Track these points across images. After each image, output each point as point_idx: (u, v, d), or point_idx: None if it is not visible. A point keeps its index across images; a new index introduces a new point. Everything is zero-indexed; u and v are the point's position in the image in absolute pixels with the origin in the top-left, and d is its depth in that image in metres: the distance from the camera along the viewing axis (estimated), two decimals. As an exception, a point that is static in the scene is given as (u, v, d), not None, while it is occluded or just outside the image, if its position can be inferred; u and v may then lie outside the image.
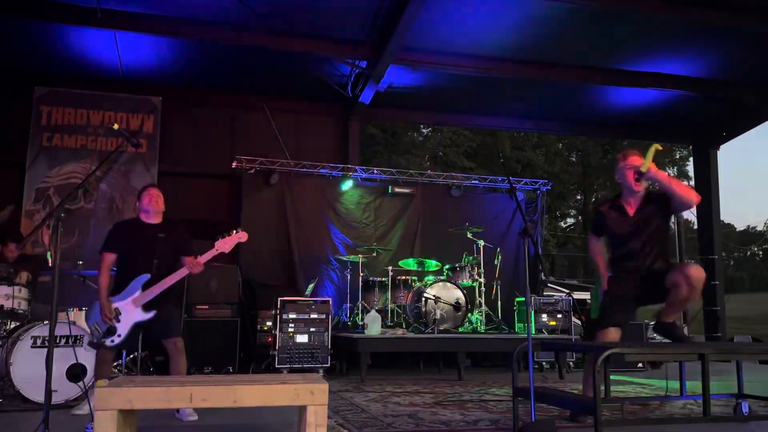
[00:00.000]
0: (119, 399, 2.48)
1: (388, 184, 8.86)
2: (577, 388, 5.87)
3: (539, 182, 9.40)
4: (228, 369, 6.51)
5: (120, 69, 8.03)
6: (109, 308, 4.17)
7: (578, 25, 7.46)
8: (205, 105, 8.98)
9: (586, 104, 9.86)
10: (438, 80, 8.66)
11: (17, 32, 7.33)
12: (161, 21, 7.15)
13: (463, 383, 6.21)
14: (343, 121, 9.45)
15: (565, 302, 7.85)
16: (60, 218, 3.10)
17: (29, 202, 7.84)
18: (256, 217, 8.15)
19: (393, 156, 20.67)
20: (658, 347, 4.10)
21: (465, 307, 7.20)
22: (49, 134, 8.06)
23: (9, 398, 4.71)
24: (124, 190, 8.20)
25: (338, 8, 7.08)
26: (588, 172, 27.37)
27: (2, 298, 5.06)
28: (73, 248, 7.59)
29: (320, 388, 2.72)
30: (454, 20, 7.23)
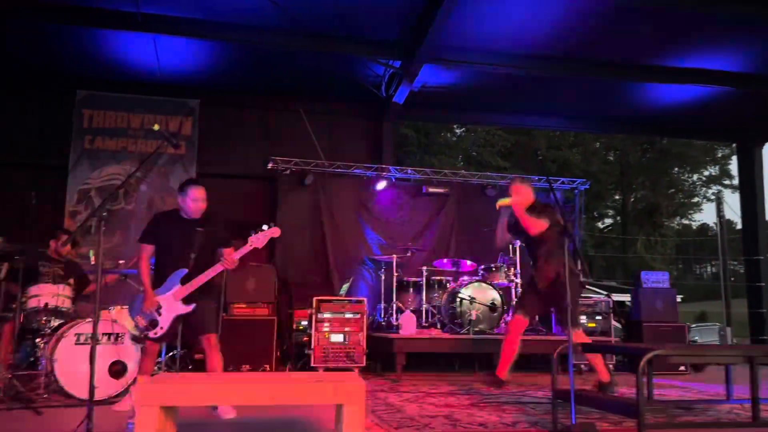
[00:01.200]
0: (161, 395, 2.51)
1: (422, 184, 8.82)
2: (617, 391, 5.75)
3: (577, 181, 9.24)
4: (265, 367, 6.56)
5: (159, 72, 8.18)
6: (152, 299, 4.26)
7: (617, 21, 7.31)
8: (240, 107, 9.09)
9: (625, 102, 9.65)
10: (472, 79, 8.59)
11: (60, 37, 7.53)
12: (199, 24, 7.26)
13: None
14: (377, 121, 9.45)
15: (604, 304, 7.69)
16: (102, 218, 3.16)
17: (72, 204, 8.05)
18: (291, 218, 8.20)
19: (426, 156, 20.63)
20: (705, 349, 3.98)
21: (501, 307, 7.12)
22: (90, 137, 8.26)
23: (53, 393, 4.83)
24: (163, 191, 8.35)
25: (372, 9, 7.08)
26: (626, 171, 26.85)
27: (47, 296, 5.20)
28: (114, 248, 7.76)
29: (357, 387, 2.72)
30: (489, 18, 7.15)
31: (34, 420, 4.03)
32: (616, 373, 7.55)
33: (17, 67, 8.20)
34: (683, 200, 30.71)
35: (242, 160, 8.87)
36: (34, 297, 5.18)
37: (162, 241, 4.40)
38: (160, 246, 4.41)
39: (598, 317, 7.64)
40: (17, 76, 8.29)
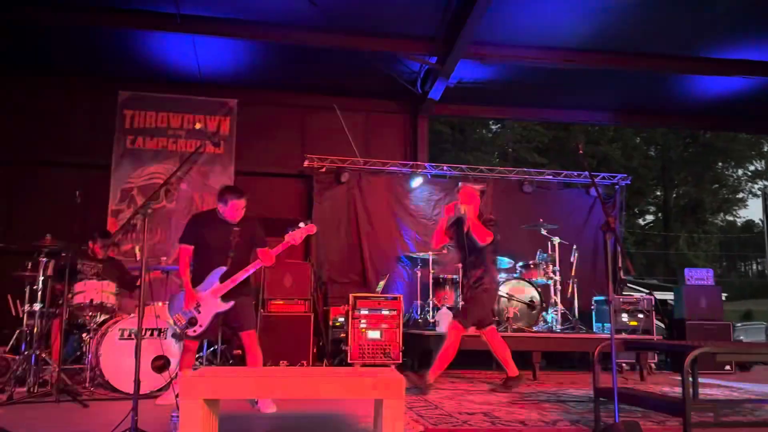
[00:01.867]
0: (204, 388, 2.55)
1: (458, 181, 8.75)
2: (660, 390, 5.63)
3: (618, 177, 9.04)
4: (302, 363, 6.61)
5: (198, 72, 8.32)
6: (193, 296, 4.34)
7: (658, 12, 7.12)
8: (277, 105, 9.17)
9: (667, 95, 9.41)
10: (509, 73, 8.50)
11: (102, 39, 7.71)
12: (237, 24, 7.35)
13: (539, 383, 6.07)
14: (413, 118, 9.43)
15: (646, 302, 7.52)
16: (147, 215, 3.23)
17: (115, 202, 8.25)
18: (327, 215, 8.25)
19: (461, 153, 20.49)
20: (753, 347, 3.86)
21: (539, 305, 7.03)
22: (132, 137, 8.45)
23: (99, 387, 4.96)
24: (203, 189, 8.49)
25: (408, 5, 7.06)
26: (668, 166, 26.18)
27: (92, 292, 5.34)
28: (156, 245, 7.93)
29: (397, 382, 2.71)
30: (527, 11, 7.06)
31: (81, 412, 4.15)
32: (658, 372, 7.42)
33: (63, 69, 8.44)
34: (727, 196, 29.82)
35: (279, 158, 8.95)
36: (80, 293, 5.32)
37: (201, 242, 4.48)
38: (199, 246, 4.49)
39: (640, 315, 7.47)
40: (63, 78, 8.54)
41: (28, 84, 8.51)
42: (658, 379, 6.75)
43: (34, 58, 8.18)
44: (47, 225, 6.00)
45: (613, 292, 7.22)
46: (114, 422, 3.17)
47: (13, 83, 8.48)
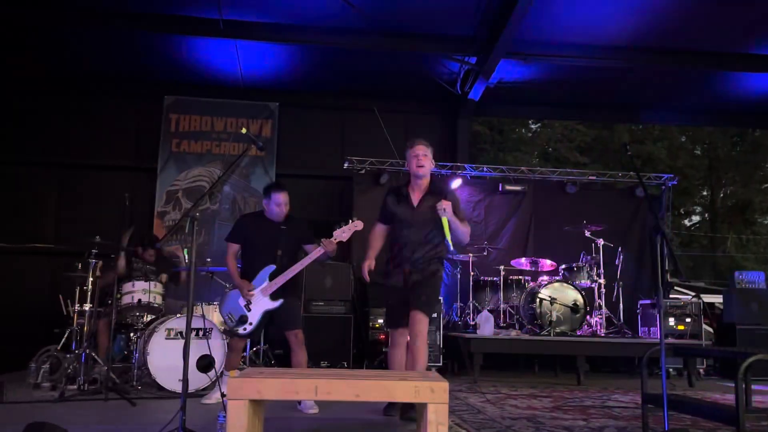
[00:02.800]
0: (250, 389, 2.59)
1: (498, 182, 8.67)
2: (710, 397, 5.47)
3: (664, 177, 8.80)
4: (342, 364, 6.66)
5: (240, 76, 8.45)
6: (247, 286, 4.41)
7: (704, 9, 6.91)
8: (317, 108, 9.24)
9: (714, 93, 9.12)
10: (551, 73, 8.37)
11: (148, 45, 7.91)
12: (278, 29, 7.44)
13: (583, 388, 5.96)
14: (452, 118, 9.37)
15: (694, 305, 7.31)
16: (195, 218, 3.30)
17: (161, 204, 8.44)
18: (367, 217, 8.16)
19: (500, 153, 20.25)
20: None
21: (584, 309, 6.90)
22: (177, 140, 8.64)
23: (146, 386, 5.08)
24: (245, 191, 8.63)
25: (448, 6, 7.02)
26: (715, 165, 25.38)
27: (140, 292, 5.48)
28: (201, 247, 8.08)
29: (441, 386, 2.69)
30: (569, 9, 6.94)
31: (129, 410, 4.26)
32: (707, 378, 7.20)
33: (111, 75, 8.69)
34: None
35: (319, 160, 9.03)
36: (128, 293, 5.47)
37: (248, 241, 4.56)
38: (247, 245, 4.57)
39: (688, 319, 7.27)
40: (111, 84, 8.79)
41: (78, 90, 8.79)
42: (708, 386, 6.56)
43: (83, 65, 8.45)
44: (96, 226, 6.20)
45: (661, 296, 7.03)
46: (161, 420, 3.24)
47: (63, 90, 8.77)
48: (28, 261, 8.19)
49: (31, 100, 8.63)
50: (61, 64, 8.45)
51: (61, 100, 8.74)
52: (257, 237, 4.52)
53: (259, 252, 4.49)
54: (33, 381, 5.30)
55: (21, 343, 6.01)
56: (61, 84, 8.74)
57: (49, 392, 5.01)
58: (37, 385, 5.28)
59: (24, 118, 8.53)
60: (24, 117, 8.53)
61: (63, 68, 8.54)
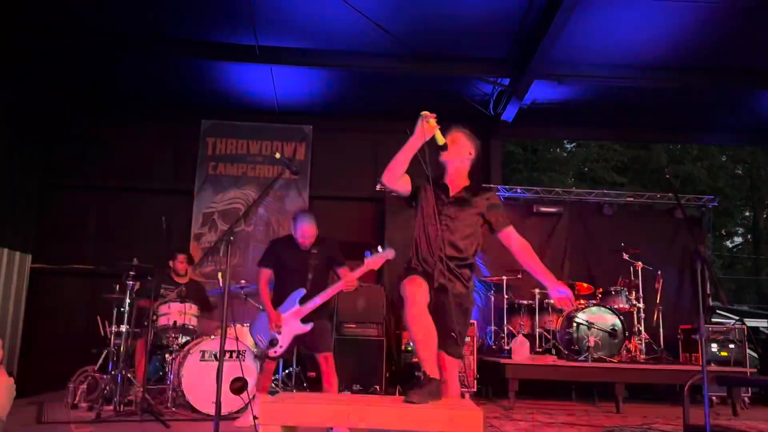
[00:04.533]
0: (283, 414, 2.57)
1: (533, 203, 8.56)
2: (756, 428, 5.25)
3: (704, 198, 8.58)
4: (375, 388, 6.59)
5: (275, 101, 8.59)
6: (277, 316, 4.42)
7: (745, 26, 6.76)
8: (350, 130, 9.30)
9: (754, 111, 8.89)
10: (586, 93, 8.28)
11: (187, 70, 8.10)
12: (312, 54, 7.54)
13: (622, 416, 5.79)
14: (485, 139, 9.31)
15: (737, 331, 7.06)
16: (230, 242, 3.33)
17: (197, 226, 8.57)
18: (398, 238, 8.22)
19: (534, 174, 20.06)
20: None
21: (623, 334, 6.72)
22: (214, 163, 8.79)
23: (180, 407, 5.12)
24: (279, 213, 8.71)
25: (479, 28, 7.01)
26: (757, 185, 24.69)
27: (175, 314, 5.54)
28: (235, 268, 8.16)
29: (475, 415, 2.64)
30: (603, 30, 6.87)
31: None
32: (753, 407, 6.91)
33: (150, 100, 8.92)
34: (825, 216, 27.76)
35: (352, 183, 9.06)
36: (164, 315, 5.54)
37: (279, 265, 4.58)
38: (278, 269, 4.59)
39: (731, 345, 7.01)
40: (150, 109, 9.02)
41: (117, 115, 9.02)
42: (753, 414, 6.29)
43: (122, 90, 8.69)
44: (134, 248, 6.32)
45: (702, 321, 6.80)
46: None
47: (103, 115, 9.01)
48: (68, 282, 8.37)
49: (72, 126, 8.88)
50: (101, 90, 8.70)
51: (101, 124, 8.97)
52: (288, 261, 4.56)
53: (290, 275, 4.52)
54: (71, 401, 5.39)
55: (61, 363, 6.11)
56: (101, 109, 8.99)
57: (87, 413, 5.08)
58: (75, 405, 5.36)
59: (65, 143, 8.77)
60: (65, 142, 8.77)
61: (102, 94, 8.79)
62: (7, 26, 6.82)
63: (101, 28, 7.20)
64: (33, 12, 6.72)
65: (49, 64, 7.82)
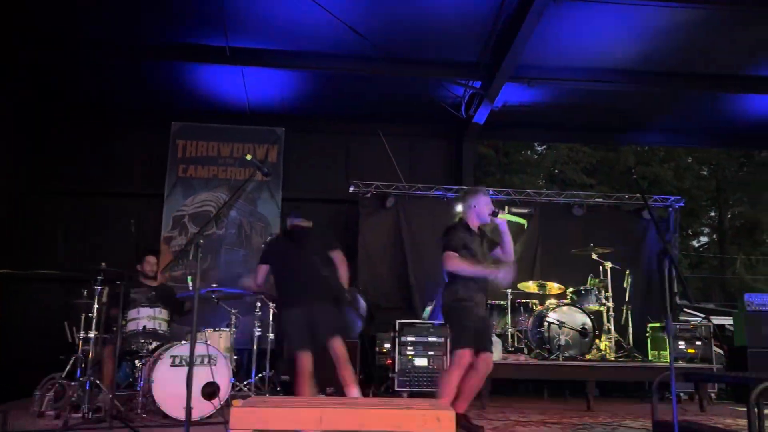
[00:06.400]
0: (254, 419, 2.55)
1: (504, 205, 8.64)
2: (722, 423, 5.37)
3: (671, 199, 8.77)
4: (349, 391, 6.56)
5: (247, 102, 8.53)
6: None
7: (711, 32, 6.95)
8: (323, 132, 9.30)
9: (720, 115, 9.13)
10: (556, 96, 8.40)
11: (156, 73, 8.01)
12: (284, 55, 7.52)
13: (593, 414, 5.87)
14: (457, 142, 9.40)
15: (704, 328, 7.22)
16: (200, 245, 3.29)
17: (167, 230, 8.46)
18: (373, 241, 8.26)
19: (506, 176, 20.26)
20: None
21: (593, 332, 6.82)
22: (184, 166, 8.69)
23: (150, 413, 5.03)
24: (251, 216, 8.65)
25: (450, 31, 7.08)
26: (722, 186, 25.31)
27: (145, 319, 5.46)
28: (206, 272, 8.08)
29: (447, 415, 2.65)
30: (573, 34, 7.00)
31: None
32: (719, 403, 7.07)
33: (119, 103, 8.80)
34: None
35: (325, 185, 9.05)
36: (133, 320, 5.44)
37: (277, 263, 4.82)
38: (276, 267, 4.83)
39: (698, 342, 7.16)
40: (120, 111, 8.89)
41: (84, 117, 8.88)
42: (720, 410, 6.43)
43: (90, 94, 8.56)
44: (103, 253, 6.21)
45: (670, 319, 6.93)
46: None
47: (70, 117, 8.86)
48: (36, 288, 8.19)
49: (39, 130, 8.71)
50: (68, 94, 8.55)
51: (69, 128, 8.82)
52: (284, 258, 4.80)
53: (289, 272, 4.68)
54: (37, 409, 5.26)
55: (28, 370, 5.97)
56: (69, 113, 8.84)
57: (53, 421, 4.96)
58: (42, 413, 5.23)
59: (33, 147, 8.60)
60: (33, 147, 8.60)
61: (70, 97, 8.64)
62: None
63: (69, 32, 7.08)
64: None
65: (17, 69, 7.65)
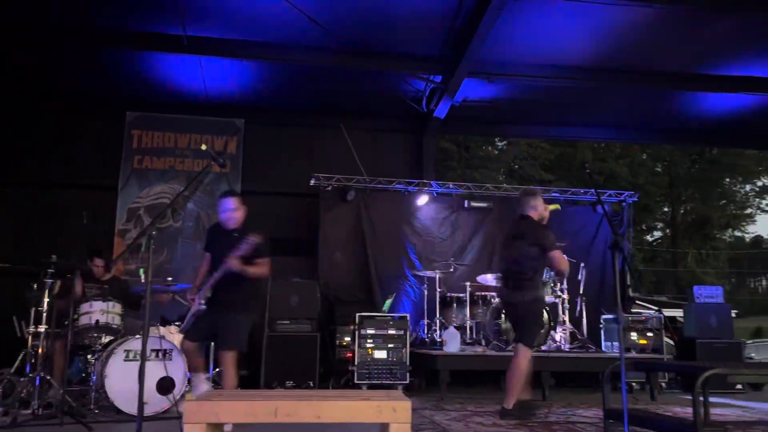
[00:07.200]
0: (207, 413, 2.52)
1: (464, 199, 8.74)
2: (671, 411, 5.55)
3: (625, 194, 9.00)
4: (308, 384, 6.56)
5: (205, 93, 8.38)
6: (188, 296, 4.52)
7: (664, 30, 7.14)
8: (284, 125, 9.21)
9: (673, 112, 9.40)
10: (515, 92, 8.51)
11: (110, 61, 7.80)
12: (243, 45, 7.41)
13: (548, 403, 5.99)
14: (418, 136, 9.44)
15: (655, 320, 7.44)
16: (152, 236, 3.23)
17: (121, 222, 8.27)
18: (334, 234, 8.24)
19: (467, 170, 20.49)
20: (765, 368, 3.80)
21: (548, 324, 6.96)
22: (139, 157, 8.50)
23: (104, 409, 4.93)
24: (209, 208, 8.51)
25: (412, 25, 7.09)
26: (675, 182, 26.11)
27: (97, 313, 5.32)
28: (161, 265, 7.93)
29: (403, 405, 2.67)
30: (531, 30, 7.09)
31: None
32: (669, 392, 7.32)
33: (72, 91, 8.53)
34: (735, 212, 29.64)
35: (286, 177, 8.97)
36: (86, 314, 5.31)
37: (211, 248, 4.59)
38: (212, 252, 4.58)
39: (649, 333, 7.40)
40: (72, 100, 8.62)
41: (36, 106, 8.59)
42: (669, 399, 6.65)
43: (41, 80, 8.28)
44: (55, 246, 6.02)
45: (622, 311, 7.13)
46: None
47: (20, 106, 8.55)
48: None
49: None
50: (19, 81, 8.25)
51: (19, 115, 8.52)
52: (215, 243, 4.56)
53: (217, 259, 4.46)
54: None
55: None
56: (18, 99, 8.53)
57: (2, 418, 4.81)
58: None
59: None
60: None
61: (19, 83, 8.33)
62: None
63: (19, 15, 6.83)
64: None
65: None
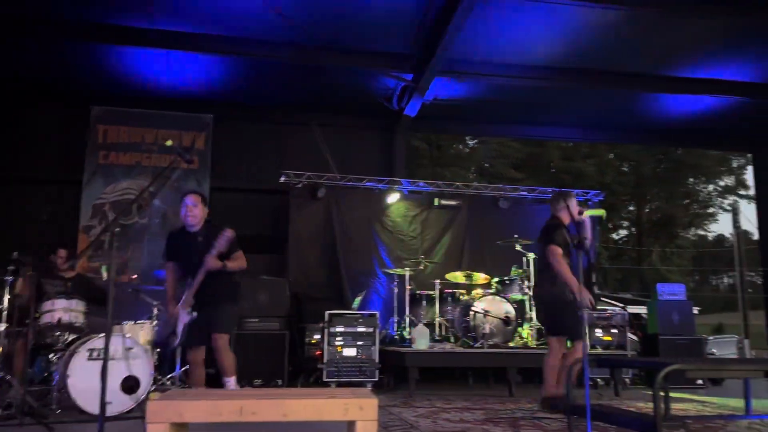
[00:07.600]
0: (171, 412, 2.49)
1: (435, 197, 8.79)
2: (634, 406, 5.67)
3: (591, 193, 9.16)
4: (277, 382, 6.53)
5: (172, 87, 8.26)
6: (170, 310, 4.41)
7: (631, 32, 7.30)
8: (254, 121, 9.14)
9: (639, 113, 9.60)
10: (484, 91, 8.59)
11: (75, 54, 7.64)
12: (211, 40, 7.34)
13: (515, 400, 6.06)
14: (389, 134, 9.46)
15: (620, 317, 7.59)
16: (115, 233, 3.18)
17: (86, 218, 8.10)
18: (303, 231, 8.20)
19: (438, 169, 20.61)
20: (723, 363, 3.90)
21: (515, 321, 7.04)
22: (105, 152, 8.34)
23: (66, 409, 4.83)
24: (176, 204, 8.30)
25: (382, 23, 7.11)
26: (641, 182, 26.64)
27: (60, 311, 5.21)
28: (127, 262, 7.80)
29: (370, 403, 2.68)
30: (501, 30, 7.17)
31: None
32: (633, 387, 7.47)
33: (34, 84, 8.32)
34: (699, 211, 30.39)
35: (255, 174, 8.91)
36: (48, 312, 5.19)
37: (177, 257, 4.47)
38: (177, 261, 4.48)
39: (614, 330, 7.52)
40: (34, 93, 8.42)
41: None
42: (633, 395, 6.78)
43: (3, 72, 8.04)
44: (16, 242, 5.87)
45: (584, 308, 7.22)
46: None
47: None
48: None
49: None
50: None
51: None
52: (181, 252, 4.46)
53: (185, 266, 4.41)
54: (-60, 408, 4.94)
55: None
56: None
57: (-42, 419, 4.68)
58: (-55, 412, 4.92)
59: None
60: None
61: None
62: None
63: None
64: None
65: None
